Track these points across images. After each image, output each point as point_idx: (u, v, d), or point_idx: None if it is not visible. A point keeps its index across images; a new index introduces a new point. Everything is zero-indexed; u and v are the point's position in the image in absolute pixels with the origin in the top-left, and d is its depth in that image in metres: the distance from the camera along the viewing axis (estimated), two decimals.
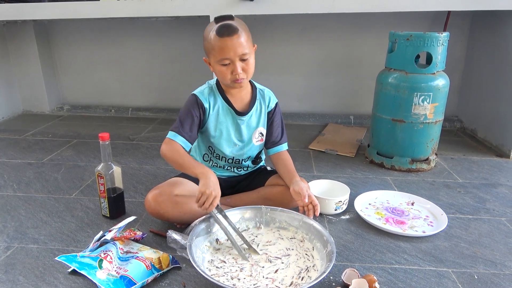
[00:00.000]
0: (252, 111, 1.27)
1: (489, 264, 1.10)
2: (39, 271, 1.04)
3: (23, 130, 2.31)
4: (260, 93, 1.30)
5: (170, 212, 1.17)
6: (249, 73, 1.16)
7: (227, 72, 1.14)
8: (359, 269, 1.05)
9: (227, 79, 1.15)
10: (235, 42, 1.10)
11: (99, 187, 1.27)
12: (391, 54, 1.72)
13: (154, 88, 2.70)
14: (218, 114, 1.24)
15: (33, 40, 2.56)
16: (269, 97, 1.31)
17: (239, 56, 1.12)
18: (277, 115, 1.33)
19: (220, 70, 1.15)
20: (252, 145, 1.31)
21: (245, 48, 1.12)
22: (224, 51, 1.11)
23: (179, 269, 1.06)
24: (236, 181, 1.37)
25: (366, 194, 1.47)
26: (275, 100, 1.33)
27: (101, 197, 1.28)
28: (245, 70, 1.14)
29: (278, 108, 1.33)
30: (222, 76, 1.16)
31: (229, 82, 1.17)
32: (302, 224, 1.15)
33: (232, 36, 1.10)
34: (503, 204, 1.45)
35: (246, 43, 1.13)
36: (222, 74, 1.15)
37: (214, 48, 1.12)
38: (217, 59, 1.13)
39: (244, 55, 1.12)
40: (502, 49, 1.96)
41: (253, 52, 1.17)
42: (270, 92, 1.33)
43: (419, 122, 1.67)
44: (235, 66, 1.12)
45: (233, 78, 1.15)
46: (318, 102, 2.56)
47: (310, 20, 2.38)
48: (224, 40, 1.10)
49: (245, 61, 1.14)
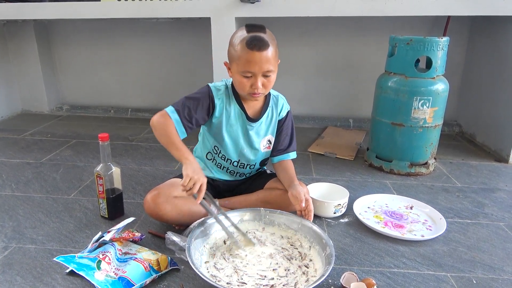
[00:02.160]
0: (263, 118, 1.26)
1: (488, 269, 1.10)
2: (37, 272, 1.04)
3: (22, 130, 2.31)
4: (273, 100, 1.28)
5: (169, 214, 1.17)
6: (268, 88, 1.15)
7: (247, 84, 1.12)
8: (358, 272, 1.05)
9: (245, 90, 1.13)
10: (263, 58, 1.07)
11: (98, 187, 1.26)
12: (391, 58, 1.73)
13: (154, 89, 2.70)
14: (229, 116, 1.23)
15: (33, 40, 2.55)
16: (282, 104, 1.29)
17: (263, 72, 1.10)
18: (288, 123, 1.31)
19: (240, 81, 1.12)
20: (259, 151, 1.30)
21: (271, 65, 1.10)
22: (250, 64, 1.08)
23: (178, 271, 1.06)
24: (235, 185, 1.37)
25: (365, 197, 1.47)
26: (287, 108, 1.31)
27: (100, 197, 1.28)
28: (265, 86, 1.13)
29: (290, 116, 1.32)
30: (241, 87, 1.14)
31: (245, 94, 1.15)
32: (301, 227, 1.15)
33: (261, 52, 1.07)
34: (502, 209, 1.46)
35: (273, 60, 1.10)
36: (242, 85, 1.13)
37: (240, 58, 1.09)
38: (240, 70, 1.10)
39: (269, 72, 1.10)
40: (502, 54, 1.97)
41: (277, 68, 1.14)
42: (284, 99, 1.32)
43: (419, 126, 1.67)
44: (256, 81, 1.10)
45: (251, 91, 1.13)
46: (317, 105, 2.56)
47: (310, 23, 2.39)
48: (253, 54, 1.07)
49: (267, 77, 1.12)
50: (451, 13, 1.84)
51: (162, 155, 1.94)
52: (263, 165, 1.38)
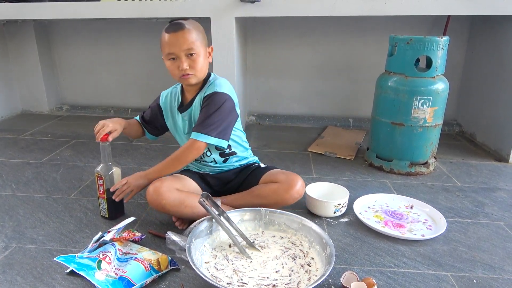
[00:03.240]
0: (193, 104, 1.27)
1: (488, 268, 1.10)
2: (37, 272, 1.04)
3: (22, 130, 2.31)
4: (208, 84, 1.25)
5: (171, 203, 1.17)
6: (196, 70, 1.19)
7: (174, 67, 1.19)
8: (358, 272, 1.05)
9: (176, 74, 1.20)
10: (180, 37, 1.15)
11: (98, 187, 1.26)
12: (391, 57, 1.73)
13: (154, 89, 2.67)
14: (171, 110, 1.33)
15: (33, 40, 2.55)
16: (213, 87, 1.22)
17: (184, 51, 1.16)
18: (209, 103, 1.20)
19: (169, 67, 1.20)
20: None
21: (191, 44, 1.16)
22: (169, 46, 1.16)
23: (178, 271, 1.06)
24: (225, 178, 1.36)
25: (365, 197, 1.47)
26: (214, 89, 1.21)
27: (100, 198, 1.28)
28: (192, 67, 1.18)
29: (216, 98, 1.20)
30: (171, 71, 1.21)
31: (177, 78, 1.21)
32: (301, 226, 1.15)
33: (177, 32, 1.15)
34: (502, 208, 1.46)
35: (194, 41, 1.17)
36: (171, 70, 1.20)
37: (162, 44, 1.19)
38: (165, 54, 1.19)
39: (190, 50, 1.17)
40: (502, 54, 1.97)
41: (206, 54, 1.22)
42: (221, 83, 1.23)
43: (419, 126, 1.67)
44: (181, 61, 1.17)
45: (180, 74, 1.19)
46: (317, 105, 2.56)
47: (310, 23, 2.39)
48: (170, 36, 1.16)
49: (191, 56, 1.18)
50: (451, 13, 1.84)
51: (162, 155, 1.94)
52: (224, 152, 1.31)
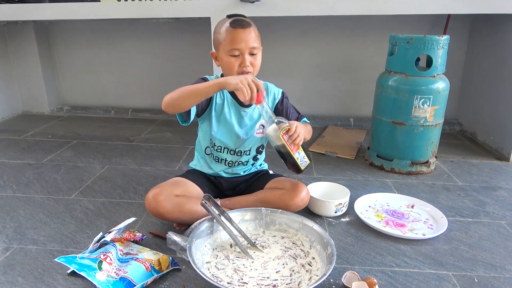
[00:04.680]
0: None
1: (489, 267, 1.10)
2: (38, 272, 1.04)
3: (22, 131, 2.31)
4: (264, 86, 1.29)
5: (170, 212, 1.17)
6: (256, 69, 1.19)
7: (235, 63, 1.16)
8: (359, 271, 1.05)
9: (234, 70, 1.17)
10: (247, 34, 1.14)
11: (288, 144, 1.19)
12: (392, 57, 1.72)
13: (154, 89, 2.70)
14: (222, 104, 1.26)
15: (33, 41, 2.55)
16: (272, 91, 1.32)
17: (249, 49, 1.15)
18: (287, 102, 1.34)
19: (229, 61, 1.16)
20: (253, 137, 1.31)
21: (255, 42, 1.16)
22: (235, 41, 1.14)
23: (179, 271, 1.06)
24: (236, 182, 1.37)
25: (366, 196, 1.47)
26: (279, 90, 1.34)
27: (295, 151, 1.22)
28: (252, 65, 1.17)
29: (286, 96, 1.35)
30: (230, 67, 1.17)
31: (235, 74, 1.18)
32: (302, 226, 1.15)
33: (245, 28, 1.14)
34: (503, 207, 1.45)
35: (257, 39, 1.17)
36: (230, 65, 1.16)
37: (225, 39, 1.15)
38: (227, 49, 1.15)
39: (254, 49, 1.16)
40: (502, 53, 1.96)
41: (261, 51, 1.20)
42: (273, 85, 1.35)
43: (419, 125, 1.67)
44: (244, 58, 1.15)
45: (240, 70, 1.16)
46: (318, 104, 2.56)
47: (310, 22, 2.39)
48: (237, 31, 1.13)
49: (254, 55, 1.17)
50: (451, 12, 1.84)
51: (162, 155, 1.94)
52: (259, 153, 1.38)
